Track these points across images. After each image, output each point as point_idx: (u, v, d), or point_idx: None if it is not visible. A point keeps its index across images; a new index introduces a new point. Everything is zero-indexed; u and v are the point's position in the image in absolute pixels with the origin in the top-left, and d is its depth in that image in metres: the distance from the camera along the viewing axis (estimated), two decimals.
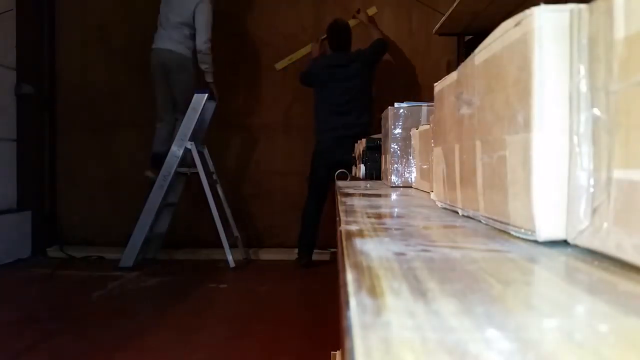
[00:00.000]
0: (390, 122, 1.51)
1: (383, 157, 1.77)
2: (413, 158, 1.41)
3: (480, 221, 0.60)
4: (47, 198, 4.31)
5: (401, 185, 1.46)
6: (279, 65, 4.13)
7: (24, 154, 4.13)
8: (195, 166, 3.70)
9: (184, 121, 3.71)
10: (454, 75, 0.70)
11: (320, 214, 3.78)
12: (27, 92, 4.08)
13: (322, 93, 3.73)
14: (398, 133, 1.49)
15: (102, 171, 4.39)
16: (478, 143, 0.59)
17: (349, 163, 3.60)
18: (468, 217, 0.66)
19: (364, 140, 2.30)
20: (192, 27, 3.75)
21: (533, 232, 0.44)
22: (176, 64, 3.75)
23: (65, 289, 3.17)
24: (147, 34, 3.99)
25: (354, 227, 0.55)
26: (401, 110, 1.50)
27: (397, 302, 0.27)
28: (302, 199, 3.93)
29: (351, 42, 3.85)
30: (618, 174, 0.35)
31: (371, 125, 3.68)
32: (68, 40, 4.38)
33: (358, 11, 4.07)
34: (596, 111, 0.38)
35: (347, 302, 0.27)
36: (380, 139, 1.96)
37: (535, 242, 0.44)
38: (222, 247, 3.65)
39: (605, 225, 0.37)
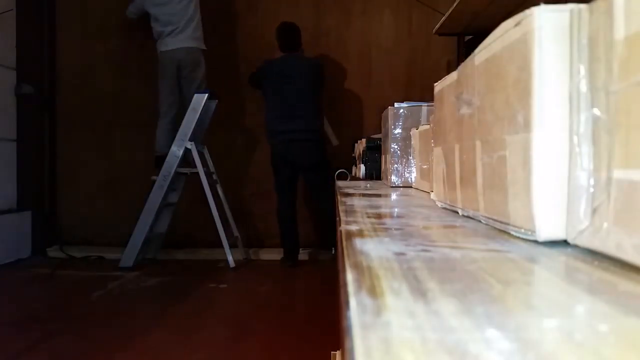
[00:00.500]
0: (390, 122, 1.51)
1: (383, 157, 1.77)
2: (413, 158, 1.41)
3: (480, 221, 0.60)
4: (47, 198, 4.31)
5: (401, 185, 1.46)
6: None
7: (24, 154, 4.12)
8: (195, 166, 3.70)
9: (184, 121, 3.72)
10: (454, 75, 0.70)
11: (293, 214, 3.81)
12: (27, 92, 4.07)
13: (272, 95, 3.74)
14: (398, 133, 1.49)
15: (102, 171, 4.39)
16: (478, 143, 0.59)
17: (306, 164, 3.66)
18: (468, 217, 0.66)
19: (364, 140, 2.30)
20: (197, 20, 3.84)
21: (533, 232, 0.44)
22: (193, 61, 3.83)
23: (65, 289, 3.17)
24: (147, 34, 3.99)
25: (354, 227, 0.55)
26: (401, 110, 1.51)
27: (397, 302, 0.27)
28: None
29: (301, 42, 3.84)
30: (618, 174, 0.35)
31: (320, 130, 3.74)
32: (68, 41, 4.38)
33: None
34: (596, 111, 0.38)
35: (347, 302, 0.27)
36: (380, 139, 1.96)
37: (535, 242, 0.44)
38: (222, 247, 3.65)
39: (605, 225, 0.37)
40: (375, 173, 2.12)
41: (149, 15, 3.84)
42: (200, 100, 3.70)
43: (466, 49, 3.10)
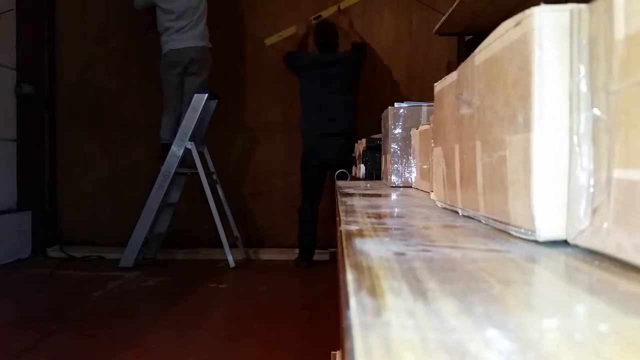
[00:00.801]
0: (390, 122, 1.51)
1: (383, 157, 1.77)
2: (413, 158, 1.41)
3: (480, 221, 0.60)
4: (47, 198, 4.31)
5: (401, 185, 1.46)
6: (269, 41, 4.09)
7: (24, 154, 4.12)
8: (195, 166, 3.70)
9: (183, 121, 3.72)
10: (454, 75, 0.70)
11: (316, 214, 3.79)
12: (27, 92, 4.07)
13: (308, 90, 3.72)
14: (398, 133, 1.49)
15: (102, 171, 4.39)
16: (478, 143, 0.59)
17: (337, 163, 3.62)
18: (468, 217, 0.66)
19: (364, 140, 2.30)
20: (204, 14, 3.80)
21: (533, 232, 0.44)
22: (203, 59, 3.82)
23: (65, 289, 3.17)
24: (147, 34, 3.99)
25: (354, 227, 0.55)
26: (401, 110, 1.51)
27: (397, 302, 0.27)
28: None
29: (338, 43, 3.84)
30: (618, 174, 0.35)
31: (354, 132, 3.66)
32: (68, 40, 4.38)
33: (342, 11, 3.98)
34: (596, 111, 0.38)
35: (347, 302, 0.27)
36: (380, 139, 1.96)
37: (535, 242, 0.44)
38: (222, 247, 3.65)
39: (605, 225, 0.37)
40: (375, 173, 2.12)
41: (153, 9, 3.79)
42: (200, 100, 3.70)
43: (466, 49, 3.10)
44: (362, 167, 2.23)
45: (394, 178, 1.47)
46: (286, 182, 4.26)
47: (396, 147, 1.48)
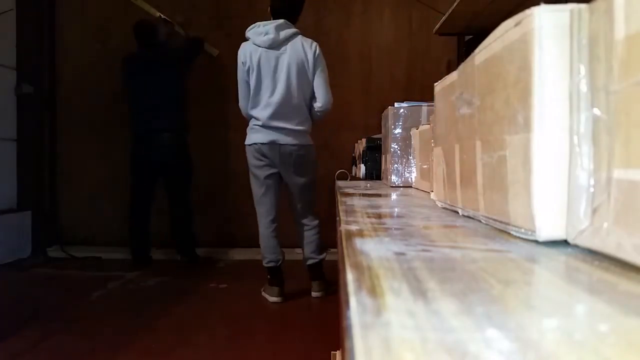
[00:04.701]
0: (390, 122, 1.51)
1: (383, 157, 1.77)
2: (413, 158, 1.41)
3: (480, 221, 0.60)
4: (47, 198, 4.30)
5: (401, 185, 1.46)
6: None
7: (24, 154, 4.12)
8: None
9: None
10: (454, 75, 0.70)
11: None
12: (27, 92, 4.07)
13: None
14: (398, 133, 1.49)
15: (102, 171, 4.38)
16: (478, 143, 0.59)
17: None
18: (468, 217, 0.66)
19: (364, 140, 2.30)
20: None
21: (533, 232, 0.44)
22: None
23: (65, 289, 3.17)
24: None
25: (354, 227, 0.55)
26: (401, 110, 1.51)
27: (397, 302, 0.27)
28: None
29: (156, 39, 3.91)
30: (618, 174, 0.35)
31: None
32: (68, 40, 4.38)
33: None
34: (596, 111, 0.38)
35: (347, 302, 0.27)
36: (380, 139, 1.96)
37: (536, 242, 0.44)
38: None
39: (605, 225, 0.37)
40: (375, 173, 2.12)
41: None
42: None
43: (466, 49, 3.10)
44: (362, 167, 2.23)
45: (394, 178, 1.48)
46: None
47: (396, 147, 1.48)
